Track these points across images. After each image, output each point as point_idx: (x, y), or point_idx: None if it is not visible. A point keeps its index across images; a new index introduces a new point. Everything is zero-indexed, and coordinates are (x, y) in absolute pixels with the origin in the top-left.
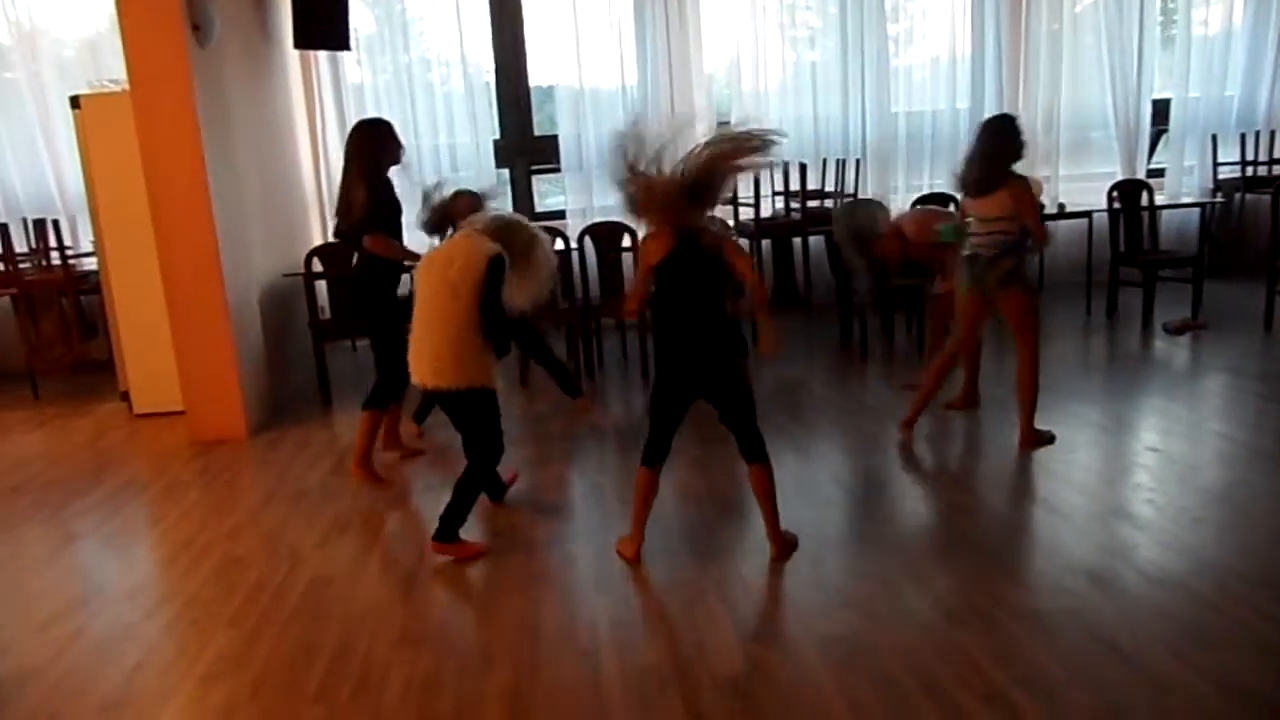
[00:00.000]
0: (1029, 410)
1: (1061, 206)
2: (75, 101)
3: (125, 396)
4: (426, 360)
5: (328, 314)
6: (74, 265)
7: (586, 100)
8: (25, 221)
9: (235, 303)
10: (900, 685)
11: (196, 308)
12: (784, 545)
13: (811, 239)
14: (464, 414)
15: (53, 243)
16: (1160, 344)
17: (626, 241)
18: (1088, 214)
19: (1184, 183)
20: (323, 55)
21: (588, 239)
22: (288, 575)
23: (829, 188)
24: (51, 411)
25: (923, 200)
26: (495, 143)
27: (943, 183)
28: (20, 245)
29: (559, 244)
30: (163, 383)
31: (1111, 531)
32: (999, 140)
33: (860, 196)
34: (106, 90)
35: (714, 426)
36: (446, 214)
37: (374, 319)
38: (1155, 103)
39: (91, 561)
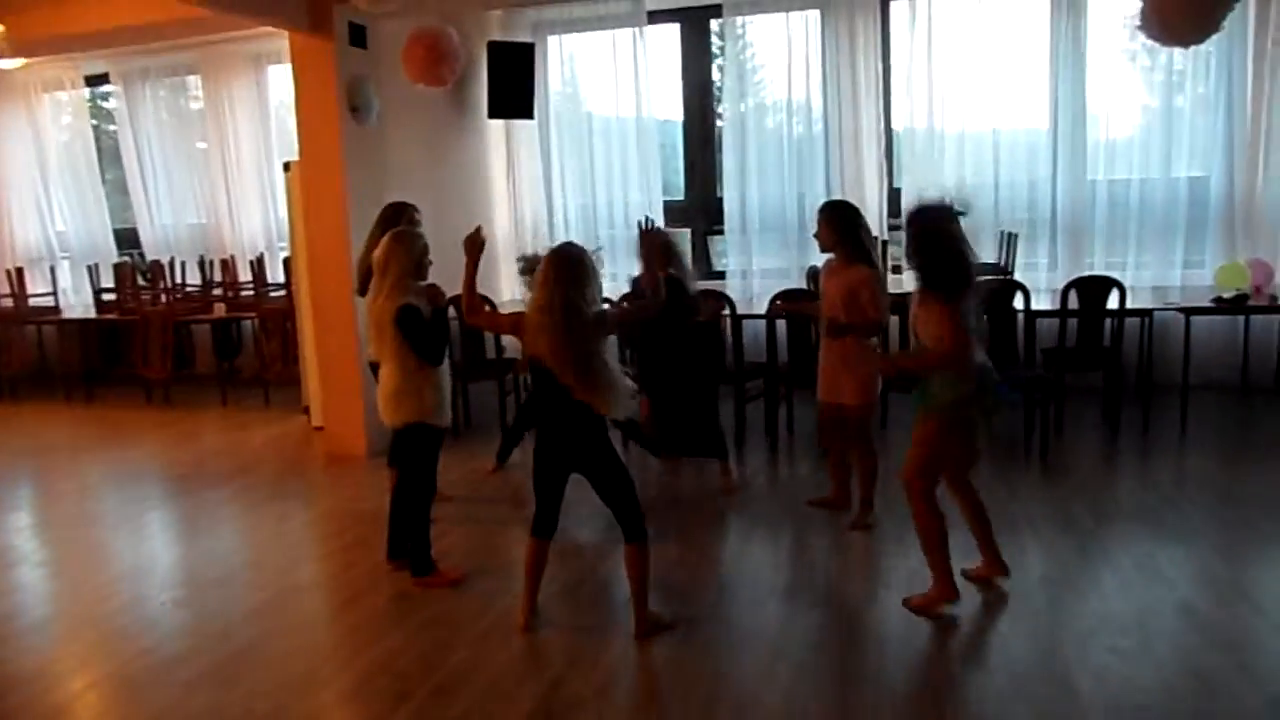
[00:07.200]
0: None
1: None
2: (287, 166)
3: (306, 410)
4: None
5: None
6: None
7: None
8: (261, 260)
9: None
10: None
11: (333, 337)
12: (647, 624)
13: None
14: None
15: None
16: None
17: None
18: None
19: None
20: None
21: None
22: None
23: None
24: (252, 416)
25: None
26: (668, 203)
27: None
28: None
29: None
30: None
31: None
32: None
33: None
34: None
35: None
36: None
37: None
38: None
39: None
